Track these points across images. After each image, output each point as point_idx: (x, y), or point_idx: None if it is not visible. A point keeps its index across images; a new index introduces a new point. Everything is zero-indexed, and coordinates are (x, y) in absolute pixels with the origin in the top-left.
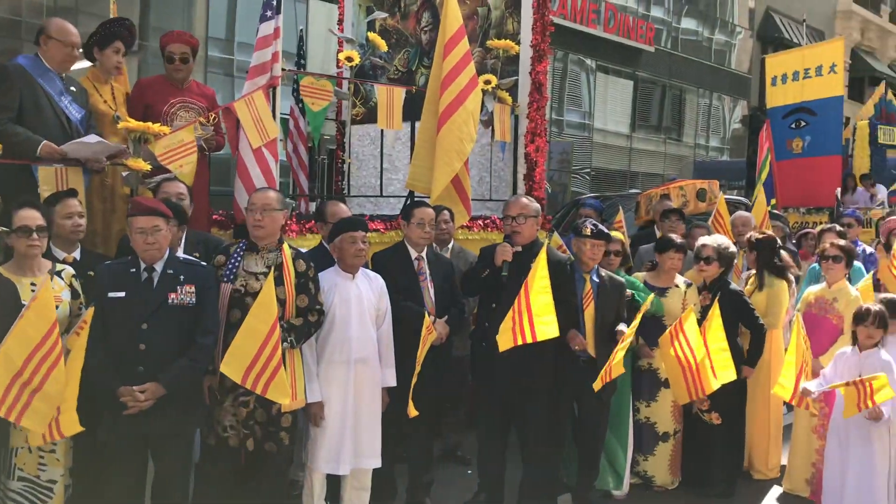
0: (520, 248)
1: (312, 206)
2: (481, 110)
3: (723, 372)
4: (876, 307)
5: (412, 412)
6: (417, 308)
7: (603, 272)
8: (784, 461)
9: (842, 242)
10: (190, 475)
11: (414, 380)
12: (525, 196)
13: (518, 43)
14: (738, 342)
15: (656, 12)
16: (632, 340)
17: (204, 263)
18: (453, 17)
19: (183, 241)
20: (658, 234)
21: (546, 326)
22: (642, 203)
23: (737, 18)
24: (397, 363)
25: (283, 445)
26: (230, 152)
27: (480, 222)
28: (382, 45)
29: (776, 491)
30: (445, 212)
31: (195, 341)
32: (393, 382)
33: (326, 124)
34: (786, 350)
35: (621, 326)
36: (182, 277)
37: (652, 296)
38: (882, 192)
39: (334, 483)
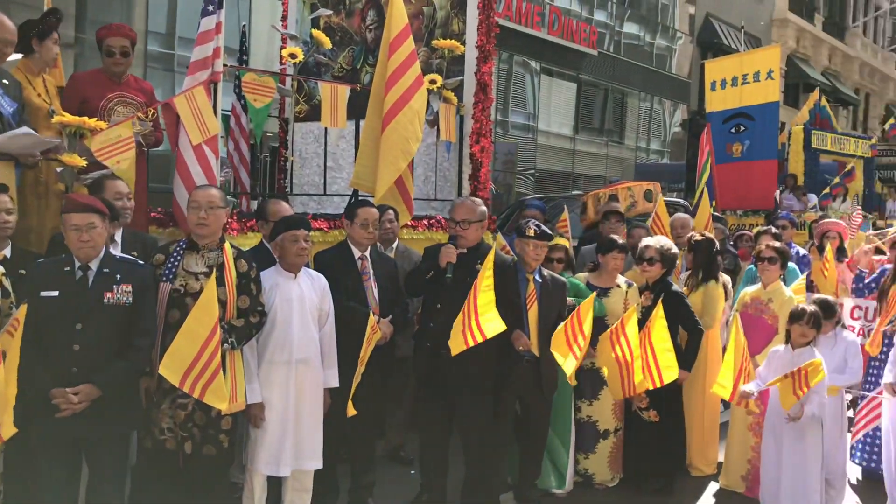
0: (464, 250)
1: (254, 205)
2: (427, 110)
3: (667, 371)
4: (811, 308)
5: (350, 411)
6: (362, 308)
7: (545, 272)
8: (721, 458)
9: (777, 244)
10: (125, 479)
11: (357, 380)
12: (471, 198)
13: (463, 43)
14: (678, 342)
15: (599, 16)
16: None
17: (142, 262)
18: (398, 16)
19: (120, 239)
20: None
21: (491, 323)
22: (590, 203)
23: (677, 24)
24: (340, 363)
25: (222, 448)
26: (170, 149)
27: (425, 222)
28: (327, 43)
29: (713, 487)
30: (390, 211)
31: (132, 342)
32: (335, 383)
33: (269, 122)
34: (724, 350)
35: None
36: (118, 276)
37: (593, 295)
38: (812, 199)
39: (275, 485)
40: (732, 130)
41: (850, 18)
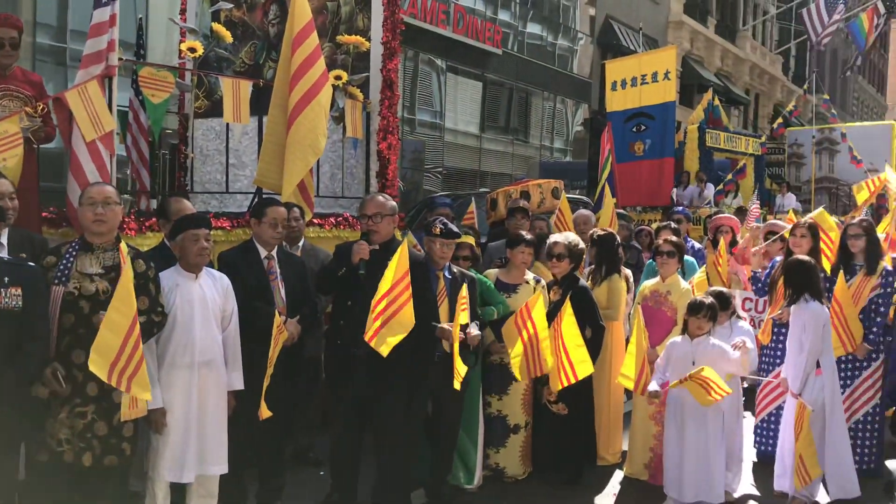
0: (377, 247)
1: (154, 203)
2: (332, 106)
3: (581, 366)
4: (709, 300)
5: (265, 413)
6: (267, 308)
7: (455, 269)
8: (625, 447)
9: (674, 239)
10: (14, 497)
11: (266, 381)
12: (381, 194)
13: (368, 40)
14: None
15: (503, 16)
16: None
17: (32, 264)
18: (302, 11)
19: (6, 241)
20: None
21: (404, 320)
22: (501, 200)
23: (578, 25)
24: (245, 365)
25: (124, 457)
26: (62, 145)
27: (333, 220)
28: (228, 37)
29: (618, 475)
30: (296, 209)
31: (21, 348)
32: (240, 386)
33: (168, 118)
34: (627, 341)
35: (473, 329)
36: (6, 279)
37: (538, 295)
38: (710, 189)
39: (179, 492)
40: (634, 130)
41: (740, 22)
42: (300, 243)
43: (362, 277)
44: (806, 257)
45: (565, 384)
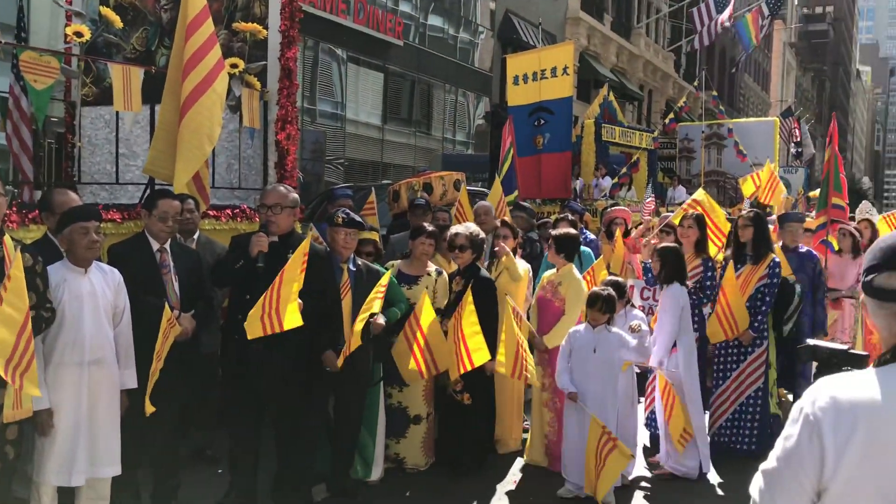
0: (276, 239)
1: (38, 195)
2: (228, 95)
3: (477, 354)
4: (605, 292)
5: (148, 409)
6: (156, 300)
7: (360, 261)
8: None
9: (561, 231)
10: None
11: (155, 376)
12: (283, 185)
13: (266, 27)
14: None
15: (404, 7)
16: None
17: None
18: None
19: None
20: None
21: (292, 315)
22: (403, 191)
23: (479, 18)
24: (138, 362)
25: (7, 461)
26: None
27: (229, 212)
28: (117, 22)
29: (520, 463)
30: (190, 201)
31: None
32: (133, 384)
33: (54, 105)
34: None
35: (380, 318)
36: None
37: (401, 306)
38: (607, 182)
39: (67, 496)
40: (535, 124)
41: (635, 19)
42: (195, 236)
43: (261, 270)
44: (673, 244)
45: (461, 372)
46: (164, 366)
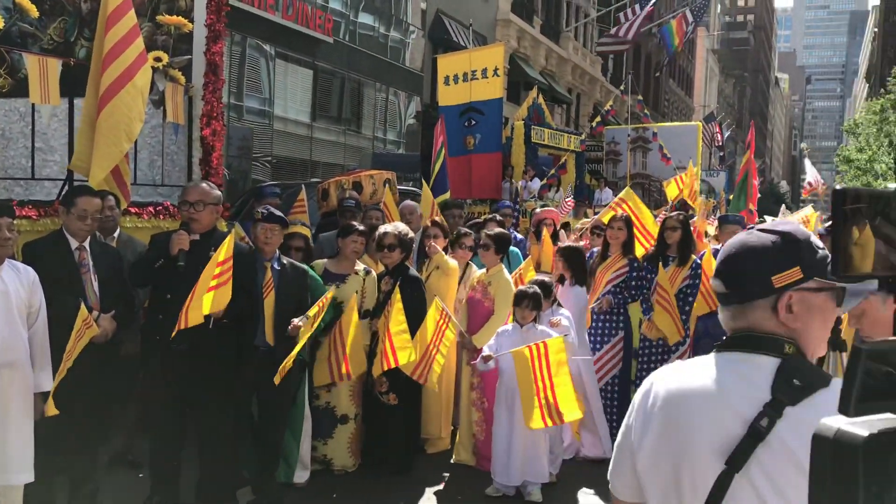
0: (197, 237)
1: None
2: (151, 89)
3: (402, 352)
4: (531, 290)
5: (51, 410)
6: (71, 299)
7: (285, 259)
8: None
9: (494, 231)
10: None
11: (62, 375)
12: (205, 182)
13: (191, 21)
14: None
15: (334, 4)
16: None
17: None
18: None
19: None
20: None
21: (195, 312)
22: (332, 190)
23: (410, 18)
24: (56, 364)
25: None
26: None
27: (151, 209)
28: (33, 11)
29: (448, 462)
30: (110, 197)
31: None
32: (48, 387)
33: None
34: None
35: (299, 321)
36: None
37: (330, 293)
38: (536, 184)
39: None
40: (466, 124)
41: (563, 23)
42: (116, 234)
43: (181, 269)
44: (576, 244)
45: (384, 369)
46: (81, 368)
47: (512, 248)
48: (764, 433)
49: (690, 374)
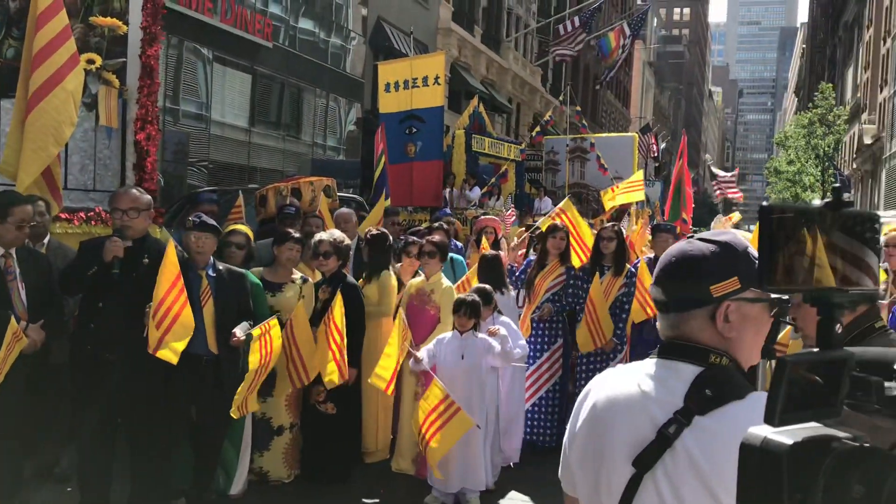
0: (130, 243)
1: None
2: (84, 92)
3: (331, 368)
4: (469, 298)
5: None
6: (2, 312)
7: (220, 266)
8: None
9: (437, 239)
10: None
11: None
12: (136, 187)
13: (126, 23)
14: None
15: (274, 9)
16: None
17: None
18: None
19: None
20: None
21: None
22: (271, 196)
23: (351, 24)
24: None
25: None
26: None
27: (83, 215)
28: None
29: (387, 472)
30: (40, 202)
31: None
32: None
33: None
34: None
35: (242, 333)
36: None
37: (275, 321)
38: (477, 192)
39: None
40: (407, 132)
41: (504, 33)
42: (45, 240)
43: (116, 277)
44: (495, 252)
45: (338, 382)
46: (7, 378)
47: (457, 256)
48: (671, 440)
49: (622, 379)
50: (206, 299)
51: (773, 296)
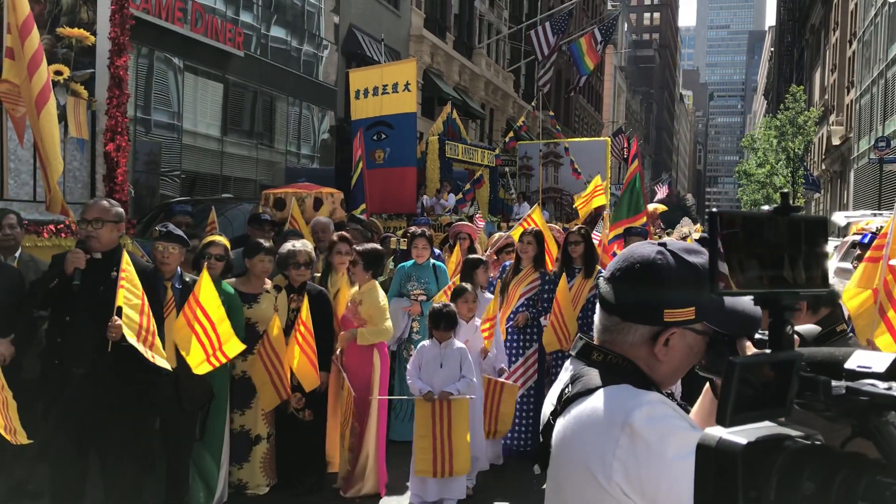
0: (98, 255)
1: None
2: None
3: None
4: (445, 309)
5: None
6: None
7: (187, 277)
8: None
9: (364, 247)
10: None
11: None
12: (105, 199)
13: (94, 34)
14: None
15: (245, 17)
16: None
17: None
18: (21, 4)
19: None
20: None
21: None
22: (295, 207)
23: (323, 32)
24: None
25: None
26: None
27: (52, 227)
28: None
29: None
30: (11, 215)
31: None
32: None
33: None
34: None
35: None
36: None
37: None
38: (452, 199)
39: None
40: (374, 138)
41: (476, 39)
42: (17, 253)
43: (76, 288)
44: (476, 256)
45: (305, 390)
46: None
47: (440, 263)
48: (550, 430)
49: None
50: (170, 310)
51: (720, 332)
